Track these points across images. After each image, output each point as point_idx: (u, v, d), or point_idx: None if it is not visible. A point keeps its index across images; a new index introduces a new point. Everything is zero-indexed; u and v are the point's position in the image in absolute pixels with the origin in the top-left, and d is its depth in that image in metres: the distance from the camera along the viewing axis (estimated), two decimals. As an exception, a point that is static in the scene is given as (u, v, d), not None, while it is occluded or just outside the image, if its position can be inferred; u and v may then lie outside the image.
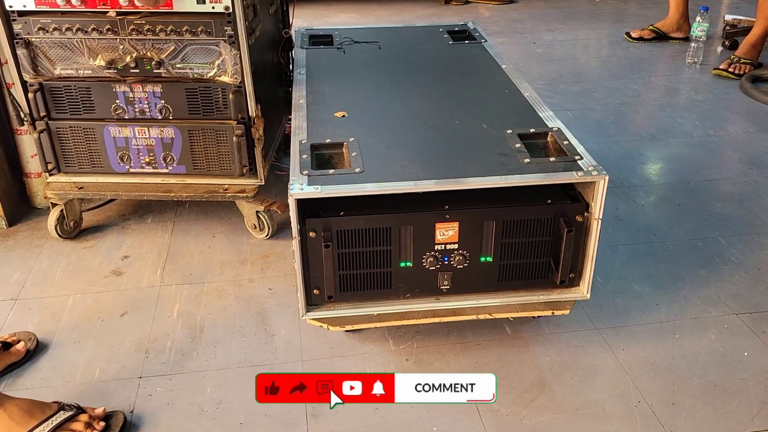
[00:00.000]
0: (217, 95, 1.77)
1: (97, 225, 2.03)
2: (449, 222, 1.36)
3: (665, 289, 1.75)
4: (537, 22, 4.14)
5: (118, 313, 1.67)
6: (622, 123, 2.74)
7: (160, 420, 1.38)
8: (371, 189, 1.30)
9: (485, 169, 1.36)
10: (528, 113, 1.61)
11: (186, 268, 1.84)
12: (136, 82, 1.76)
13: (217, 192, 1.85)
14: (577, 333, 1.60)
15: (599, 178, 1.32)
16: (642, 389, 1.44)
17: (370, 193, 1.30)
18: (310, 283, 1.39)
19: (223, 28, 1.69)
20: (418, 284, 1.42)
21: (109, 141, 1.83)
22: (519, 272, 1.43)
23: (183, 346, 1.57)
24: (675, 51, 3.57)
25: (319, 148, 1.46)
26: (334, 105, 1.66)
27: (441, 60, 2.00)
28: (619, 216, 2.07)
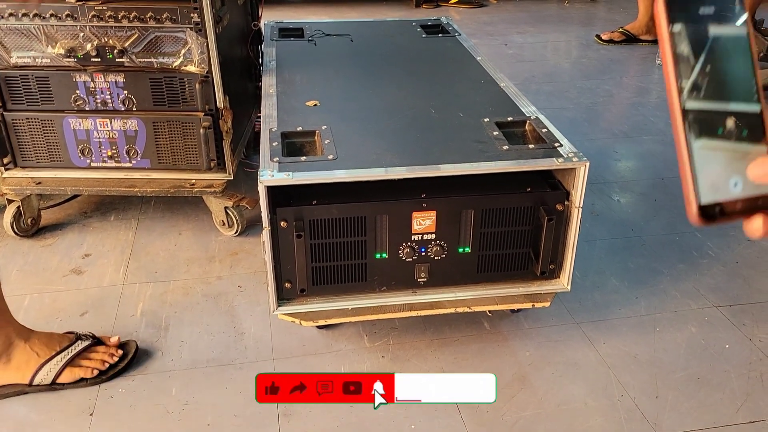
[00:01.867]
0: (183, 86, 1.70)
1: (57, 223, 1.93)
2: (426, 211, 1.31)
3: (644, 282, 1.72)
4: (507, 24, 4.14)
5: (78, 312, 1.58)
6: (595, 121, 2.74)
7: (123, 423, 1.30)
8: (345, 175, 1.24)
9: (463, 156, 1.31)
10: (505, 103, 1.57)
11: (150, 266, 1.76)
12: (98, 72, 1.68)
13: (183, 187, 1.78)
14: (557, 327, 1.56)
15: (580, 164, 1.28)
16: (624, 383, 1.41)
17: (344, 180, 1.24)
18: (281, 276, 1.33)
19: (189, 15, 1.62)
20: (394, 276, 1.37)
21: (69, 134, 1.74)
22: (498, 263, 1.39)
23: (147, 345, 1.49)
24: (645, 53, 3.59)
25: (290, 136, 1.40)
26: (306, 94, 1.60)
27: (415, 52, 1.96)
28: (596, 212, 2.04)
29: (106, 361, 1.39)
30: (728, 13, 0.50)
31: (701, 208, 0.48)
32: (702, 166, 0.48)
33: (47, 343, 1.37)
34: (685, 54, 0.48)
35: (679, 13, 0.48)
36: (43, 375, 1.34)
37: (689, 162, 0.48)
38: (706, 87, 0.49)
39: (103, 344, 1.43)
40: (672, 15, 0.48)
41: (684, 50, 0.48)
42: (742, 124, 0.49)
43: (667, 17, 0.48)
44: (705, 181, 0.48)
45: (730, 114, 0.49)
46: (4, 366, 1.34)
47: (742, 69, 0.50)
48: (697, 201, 0.48)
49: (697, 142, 0.48)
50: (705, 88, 0.49)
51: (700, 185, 0.48)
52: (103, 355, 1.40)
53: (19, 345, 1.35)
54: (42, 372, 1.34)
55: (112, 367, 1.39)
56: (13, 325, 1.37)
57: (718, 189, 0.49)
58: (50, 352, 1.36)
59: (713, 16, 0.49)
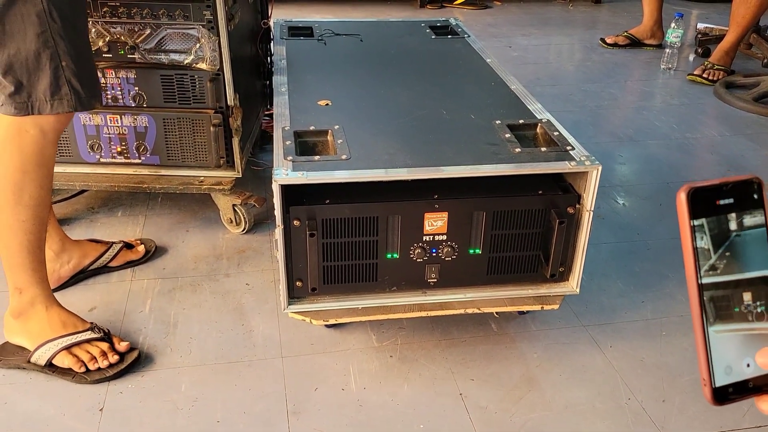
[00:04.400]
0: (194, 83, 1.70)
1: (65, 218, 1.93)
2: (438, 212, 1.31)
3: (650, 287, 1.73)
4: (512, 27, 4.14)
5: (86, 308, 1.59)
6: (599, 125, 2.74)
7: (132, 418, 1.30)
8: (360, 175, 1.25)
9: (476, 158, 1.31)
10: (516, 105, 1.57)
11: (158, 263, 1.76)
12: (109, 68, 1.69)
13: (192, 184, 1.78)
14: (564, 330, 1.57)
15: (592, 168, 1.29)
16: (631, 386, 1.41)
17: (358, 180, 1.25)
18: (292, 274, 1.33)
19: (201, 13, 1.63)
20: (404, 277, 1.37)
21: (79, 129, 1.75)
22: (508, 265, 1.39)
23: (156, 342, 1.49)
24: (649, 57, 3.60)
25: (302, 135, 1.40)
26: (317, 94, 1.60)
27: (425, 53, 1.96)
28: (601, 215, 2.05)
29: (96, 359, 1.38)
30: (747, 204, 0.52)
31: (715, 390, 0.51)
32: (717, 348, 0.51)
33: (63, 322, 1.40)
34: (705, 245, 0.51)
35: (700, 207, 0.51)
36: (42, 352, 1.37)
37: (705, 345, 0.51)
38: (723, 268, 0.52)
39: (109, 343, 1.43)
40: (694, 210, 0.51)
41: (704, 241, 0.51)
42: (757, 303, 0.52)
43: (689, 212, 0.51)
44: (720, 364, 0.51)
45: (745, 290, 0.52)
46: (21, 325, 1.39)
47: (760, 253, 0.53)
48: (711, 384, 0.51)
49: (713, 324, 0.51)
50: (722, 269, 0.52)
51: (714, 368, 0.51)
52: (99, 352, 1.39)
53: (40, 311, 1.39)
54: (42, 349, 1.37)
55: (100, 371, 1.38)
56: (42, 287, 1.39)
57: (731, 371, 0.52)
58: (62, 332, 1.38)
59: (732, 207, 0.52)
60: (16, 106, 1.24)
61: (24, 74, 1.23)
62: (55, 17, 1.21)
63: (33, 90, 1.24)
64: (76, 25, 1.27)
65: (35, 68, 1.23)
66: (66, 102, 1.26)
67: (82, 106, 1.29)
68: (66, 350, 1.37)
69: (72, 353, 1.37)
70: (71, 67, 1.25)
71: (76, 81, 1.27)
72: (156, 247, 1.80)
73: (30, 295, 1.37)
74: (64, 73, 1.25)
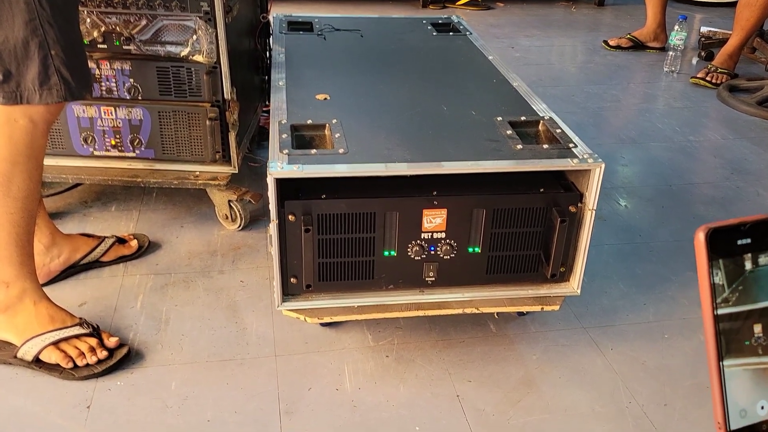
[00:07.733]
0: (191, 76, 1.67)
1: (57, 212, 1.90)
2: (437, 209, 1.28)
3: (652, 289, 1.70)
4: (514, 28, 4.12)
5: (77, 303, 1.55)
6: (602, 126, 2.71)
7: (121, 416, 1.27)
8: (358, 170, 1.22)
9: (477, 154, 1.28)
10: (518, 102, 1.54)
11: (151, 258, 1.73)
12: (104, 59, 1.66)
13: (187, 179, 1.75)
14: (564, 332, 1.54)
15: (595, 165, 1.26)
16: (632, 390, 1.38)
17: (356, 174, 1.22)
18: (287, 271, 1.30)
19: (198, 4, 1.60)
20: (402, 275, 1.34)
21: (73, 121, 1.72)
22: (508, 265, 1.36)
23: (146, 338, 1.46)
24: (652, 60, 3.57)
25: (299, 129, 1.37)
26: (315, 88, 1.57)
27: (425, 49, 1.93)
28: (603, 216, 2.02)
29: (85, 355, 1.35)
30: (764, 243, 0.53)
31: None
32: (732, 389, 0.52)
33: (51, 317, 1.37)
34: (721, 281, 0.52)
35: (719, 248, 0.51)
36: (29, 347, 1.33)
37: (720, 387, 0.52)
38: (735, 300, 0.52)
39: (98, 338, 1.39)
40: (712, 251, 0.51)
41: (720, 278, 0.52)
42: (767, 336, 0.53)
43: (707, 254, 0.51)
44: (734, 408, 0.52)
45: (756, 323, 0.53)
46: (8, 320, 1.35)
47: None
48: (726, 428, 0.52)
49: (725, 358, 0.52)
50: (734, 301, 0.52)
51: (729, 412, 0.52)
52: (88, 348, 1.36)
53: (27, 305, 1.35)
54: (29, 344, 1.34)
55: (88, 367, 1.35)
56: (31, 280, 1.36)
57: (746, 414, 0.52)
58: (49, 327, 1.35)
59: (750, 246, 0.53)
60: (4, 95, 1.21)
61: (12, 63, 1.20)
62: (44, 5, 1.18)
63: (21, 79, 1.21)
64: (66, 13, 1.24)
65: (24, 57, 1.20)
66: (55, 92, 1.23)
67: (72, 96, 1.26)
68: (53, 345, 1.34)
69: (60, 348, 1.34)
70: (61, 56, 1.22)
71: (66, 70, 1.24)
72: (149, 243, 1.77)
73: (17, 289, 1.34)
74: (53, 62, 1.22)
